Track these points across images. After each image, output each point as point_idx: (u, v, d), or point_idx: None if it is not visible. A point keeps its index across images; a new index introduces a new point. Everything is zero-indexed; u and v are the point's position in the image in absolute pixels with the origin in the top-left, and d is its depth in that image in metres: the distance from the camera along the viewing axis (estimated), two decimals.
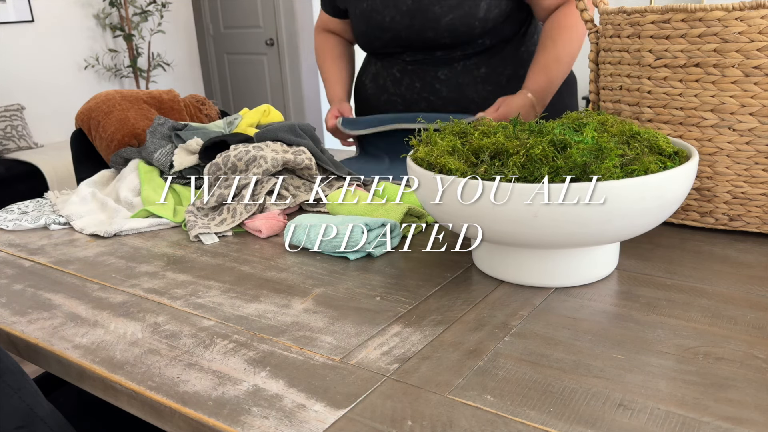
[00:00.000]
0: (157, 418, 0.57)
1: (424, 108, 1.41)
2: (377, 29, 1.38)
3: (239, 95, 5.25)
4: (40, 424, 0.62)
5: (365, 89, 1.53)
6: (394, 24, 1.35)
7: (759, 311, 0.65)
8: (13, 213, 1.12)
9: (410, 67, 1.41)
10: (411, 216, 0.94)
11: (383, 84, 1.47)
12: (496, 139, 0.71)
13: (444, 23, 1.30)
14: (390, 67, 1.44)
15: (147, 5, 4.28)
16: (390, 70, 1.45)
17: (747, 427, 0.48)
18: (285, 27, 4.75)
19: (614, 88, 0.91)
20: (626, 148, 0.68)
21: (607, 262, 0.74)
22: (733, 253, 0.80)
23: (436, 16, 1.30)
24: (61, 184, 3.40)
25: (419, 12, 1.31)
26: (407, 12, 1.32)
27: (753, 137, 0.79)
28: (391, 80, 1.45)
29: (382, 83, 1.47)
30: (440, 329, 0.65)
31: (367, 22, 1.39)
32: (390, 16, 1.34)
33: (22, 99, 3.87)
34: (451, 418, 0.51)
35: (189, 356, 0.63)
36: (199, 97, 1.54)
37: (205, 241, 0.96)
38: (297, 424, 0.52)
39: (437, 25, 1.31)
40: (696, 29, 0.78)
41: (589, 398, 0.53)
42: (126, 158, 1.28)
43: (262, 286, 0.79)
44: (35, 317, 0.74)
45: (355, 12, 1.42)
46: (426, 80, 1.40)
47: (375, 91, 1.49)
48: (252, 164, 1.05)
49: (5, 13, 3.73)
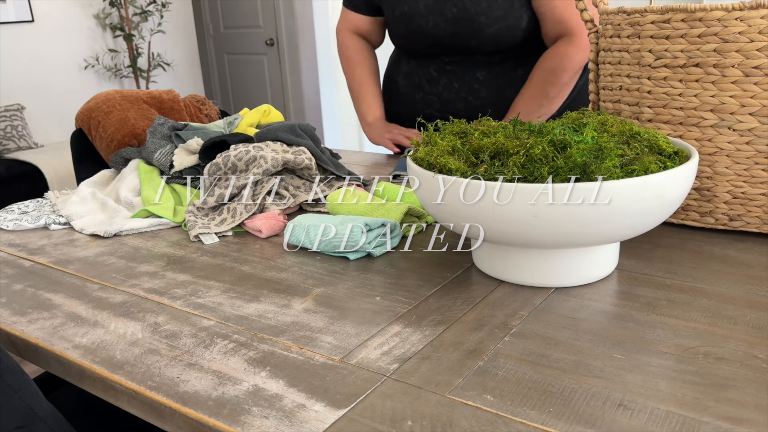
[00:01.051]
0: (157, 418, 0.57)
1: (461, 108, 1.41)
2: (418, 34, 1.37)
3: (239, 95, 5.25)
4: (40, 424, 0.62)
5: (397, 87, 1.51)
6: (437, 30, 1.34)
7: (759, 311, 0.65)
8: (13, 213, 1.12)
9: (448, 68, 1.40)
10: (411, 216, 0.94)
11: (418, 82, 1.45)
12: (496, 139, 0.71)
13: (488, 33, 1.30)
14: (426, 66, 1.43)
15: (147, 5, 4.28)
16: (426, 68, 1.43)
17: (747, 427, 0.48)
18: (285, 27, 4.75)
19: (614, 88, 0.91)
20: (626, 148, 0.68)
21: (607, 262, 0.74)
22: (733, 253, 0.80)
23: (480, 26, 1.29)
24: (61, 184, 3.40)
25: (464, 21, 1.30)
26: (452, 20, 1.31)
27: (753, 137, 0.79)
28: (427, 79, 1.43)
29: (417, 81, 1.45)
30: (440, 329, 0.65)
31: (407, 26, 1.38)
32: (433, 22, 1.33)
33: (22, 99, 3.87)
34: (451, 418, 0.51)
35: (189, 356, 0.63)
36: (199, 97, 1.54)
37: (205, 241, 0.96)
38: (297, 424, 0.52)
39: (481, 35, 1.30)
40: (696, 29, 0.78)
41: (589, 398, 0.53)
42: (126, 158, 1.28)
43: (262, 286, 0.79)
44: (35, 317, 0.74)
45: (393, 14, 1.40)
46: (464, 80, 1.39)
47: (409, 89, 1.48)
48: (252, 164, 1.05)
49: (5, 13, 3.73)
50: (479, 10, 1.28)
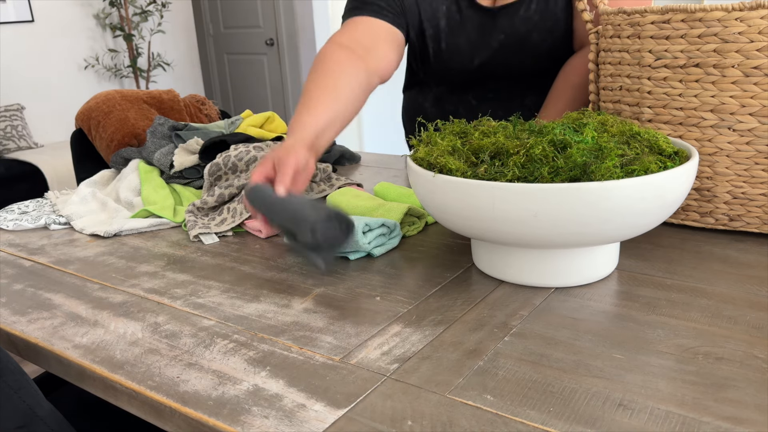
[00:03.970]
0: (157, 418, 0.57)
1: None
2: (460, 73, 1.17)
3: (239, 95, 5.25)
4: (40, 424, 0.62)
5: (425, 113, 1.28)
6: (484, 67, 1.15)
7: (759, 311, 0.65)
8: (13, 213, 1.12)
9: (491, 95, 1.21)
10: (411, 216, 0.94)
11: (453, 110, 1.23)
12: (496, 139, 0.71)
13: (544, 50, 1.13)
14: (462, 93, 1.22)
15: (147, 5, 4.28)
16: (463, 96, 1.22)
17: (747, 427, 0.48)
18: (285, 27, 4.75)
19: (614, 88, 0.91)
20: (626, 148, 0.68)
21: (607, 262, 0.74)
22: (733, 253, 0.80)
23: (535, 44, 1.12)
24: (61, 184, 3.40)
25: (516, 44, 1.13)
26: (500, 49, 1.13)
27: (753, 137, 0.79)
28: (465, 108, 1.22)
29: (452, 109, 1.23)
30: (440, 329, 0.65)
31: (445, 66, 1.17)
32: (480, 59, 1.14)
33: (22, 99, 3.87)
34: (451, 418, 0.51)
35: (189, 356, 0.63)
36: (199, 97, 1.54)
37: (205, 241, 0.96)
38: (297, 423, 0.52)
39: (538, 53, 1.13)
40: (696, 29, 0.78)
41: (589, 398, 0.53)
42: (126, 158, 1.28)
43: (262, 286, 0.79)
44: (35, 317, 0.74)
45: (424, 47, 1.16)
46: (511, 110, 1.18)
47: (441, 116, 1.23)
48: (252, 164, 1.05)
49: (5, 13, 3.73)
50: (530, 27, 1.11)
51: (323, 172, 1.17)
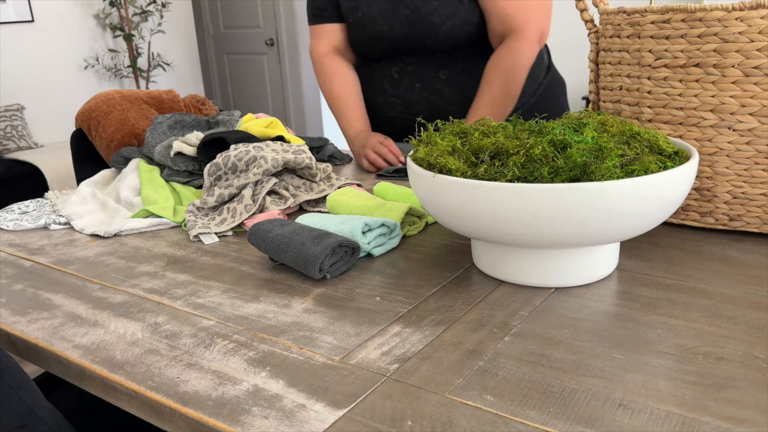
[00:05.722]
0: (157, 418, 0.57)
1: (424, 108, 1.40)
2: (374, 39, 1.37)
3: (239, 95, 5.25)
4: (40, 424, 0.62)
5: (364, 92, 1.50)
6: (393, 33, 1.34)
7: (759, 311, 0.65)
8: (14, 213, 1.12)
9: (410, 68, 1.40)
10: (411, 216, 0.94)
11: (380, 86, 1.44)
12: (496, 139, 0.71)
13: (442, 32, 1.31)
14: (386, 69, 1.43)
15: (147, 5, 4.28)
16: (387, 71, 1.43)
17: (747, 427, 0.48)
18: (285, 27, 4.75)
19: (614, 88, 0.91)
20: (626, 148, 0.68)
21: (607, 262, 0.74)
22: (733, 253, 0.80)
23: (434, 25, 1.30)
24: (61, 184, 3.40)
25: (417, 22, 1.31)
26: (406, 21, 1.32)
27: (753, 137, 0.79)
28: (389, 82, 1.43)
29: (378, 85, 1.44)
30: (440, 329, 0.65)
31: (363, 32, 1.38)
32: (388, 25, 1.34)
33: (22, 99, 3.87)
34: (451, 418, 0.51)
35: (189, 356, 0.63)
36: (199, 97, 1.54)
37: (205, 241, 0.96)
38: (297, 424, 0.52)
39: (436, 34, 1.31)
40: (696, 29, 0.78)
41: (589, 398, 0.53)
42: (126, 157, 1.28)
43: (262, 286, 0.79)
44: (35, 317, 0.74)
45: (349, 21, 1.41)
46: (427, 81, 1.38)
47: (371, 93, 1.47)
48: (252, 164, 1.05)
49: (5, 13, 3.73)
50: (430, 9, 1.29)
51: (323, 172, 1.17)
